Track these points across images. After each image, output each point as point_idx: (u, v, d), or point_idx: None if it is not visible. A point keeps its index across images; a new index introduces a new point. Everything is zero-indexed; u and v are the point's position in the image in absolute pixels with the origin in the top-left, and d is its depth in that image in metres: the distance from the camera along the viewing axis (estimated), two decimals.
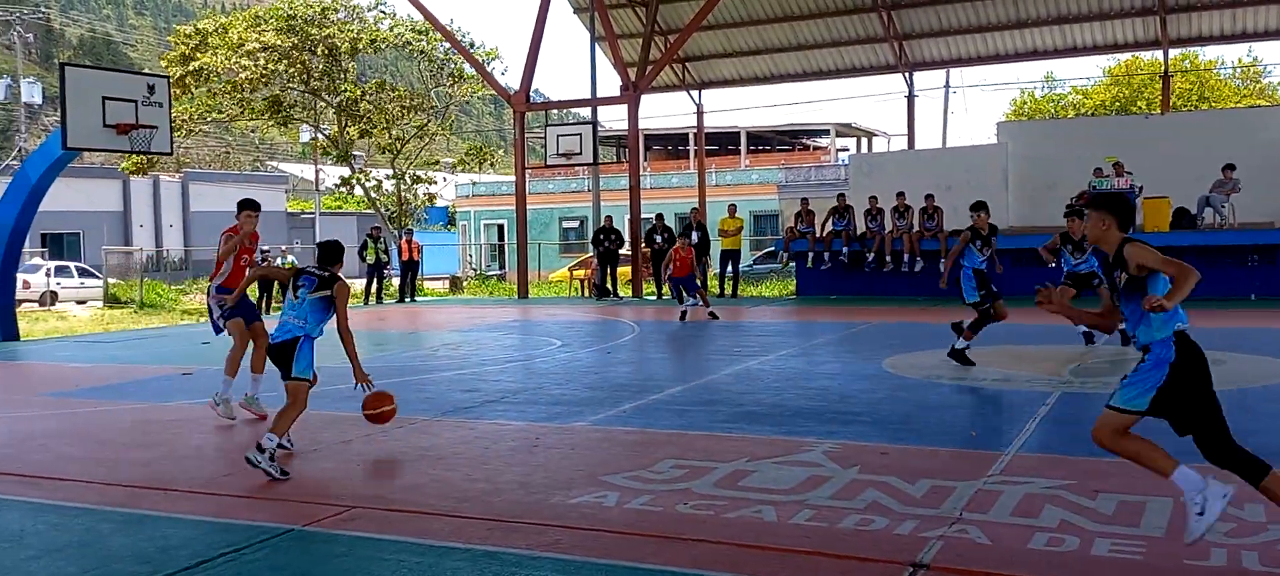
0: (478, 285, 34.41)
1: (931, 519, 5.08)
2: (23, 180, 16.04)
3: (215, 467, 6.63)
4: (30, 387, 11.16)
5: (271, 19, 32.27)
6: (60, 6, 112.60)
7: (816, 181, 40.28)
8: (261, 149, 79.38)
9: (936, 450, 6.66)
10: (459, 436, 7.55)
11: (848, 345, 12.78)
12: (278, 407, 6.69)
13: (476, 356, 12.63)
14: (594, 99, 25.72)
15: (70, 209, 42.53)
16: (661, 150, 56.09)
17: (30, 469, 6.67)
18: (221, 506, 5.67)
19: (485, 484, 6.05)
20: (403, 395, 9.60)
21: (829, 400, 8.63)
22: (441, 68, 35.09)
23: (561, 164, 26.37)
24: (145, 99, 15.23)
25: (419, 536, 5.02)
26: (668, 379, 10.24)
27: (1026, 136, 24.30)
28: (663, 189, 43.41)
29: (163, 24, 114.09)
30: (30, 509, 5.71)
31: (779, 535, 4.91)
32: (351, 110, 33.69)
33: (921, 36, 28.32)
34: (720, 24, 28.71)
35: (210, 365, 12.32)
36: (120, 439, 7.90)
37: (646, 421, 7.90)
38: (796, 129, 53.09)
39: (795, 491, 5.66)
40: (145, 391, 10.31)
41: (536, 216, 41.20)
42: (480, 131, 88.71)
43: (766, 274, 29.23)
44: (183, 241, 50.74)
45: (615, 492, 5.73)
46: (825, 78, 30.54)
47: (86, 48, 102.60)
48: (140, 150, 15.84)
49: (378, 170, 37.98)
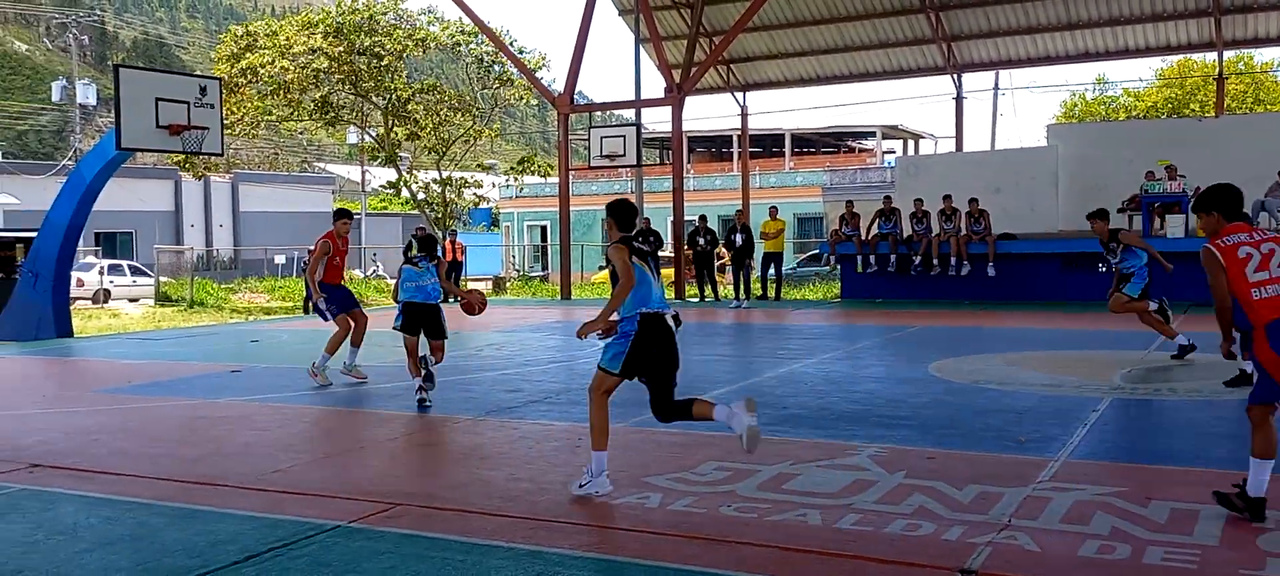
0: (521, 286, 34.59)
1: (980, 525, 5.01)
2: (78, 180, 16.36)
3: (263, 464, 6.70)
4: (85, 383, 11.37)
5: (320, 23, 32.66)
6: (114, 9, 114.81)
7: (862, 184, 40.02)
8: (309, 150, 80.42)
9: (984, 455, 6.57)
10: (503, 436, 7.58)
11: (893, 348, 12.66)
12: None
13: (520, 357, 12.68)
14: (638, 101, 25.74)
15: (123, 208, 43.34)
16: (705, 152, 56.02)
17: (85, 463, 6.80)
18: (269, 502, 5.74)
19: (529, 483, 6.07)
20: (447, 395, 9.68)
21: (874, 404, 8.55)
22: (488, 70, 35.30)
23: (605, 166, 26.41)
24: (197, 100, 15.48)
25: (463, 535, 5.04)
26: (710, 381, 10.20)
27: (1077, 139, 23.93)
28: (706, 191, 43.35)
29: (214, 27, 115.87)
30: (84, 502, 5.81)
31: (824, 539, 4.87)
32: (399, 111, 33.98)
33: (970, 38, 28.04)
34: (765, 25, 28.61)
35: (258, 363, 12.50)
36: (171, 435, 8.03)
37: (689, 423, 7.86)
38: (842, 131, 52.76)
39: (840, 495, 5.61)
40: (195, 388, 10.46)
41: (579, 218, 41.28)
42: (524, 133, 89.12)
43: (810, 276, 29.09)
44: (232, 241, 51.50)
45: (658, 494, 5.72)
46: (872, 79, 30.33)
47: (140, 49, 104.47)
48: (191, 151, 16.08)
49: (423, 172, 38.29)
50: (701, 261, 22.32)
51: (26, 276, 16.85)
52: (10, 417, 8.76)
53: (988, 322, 15.87)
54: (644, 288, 5.78)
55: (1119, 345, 12.29)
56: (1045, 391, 9.03)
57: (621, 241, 5.89)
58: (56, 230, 16.25)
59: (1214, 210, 5.22)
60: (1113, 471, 6.06)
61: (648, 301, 5.79)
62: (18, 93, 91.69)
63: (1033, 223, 21.51)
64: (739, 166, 38.10)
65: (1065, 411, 8.02)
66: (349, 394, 9.90)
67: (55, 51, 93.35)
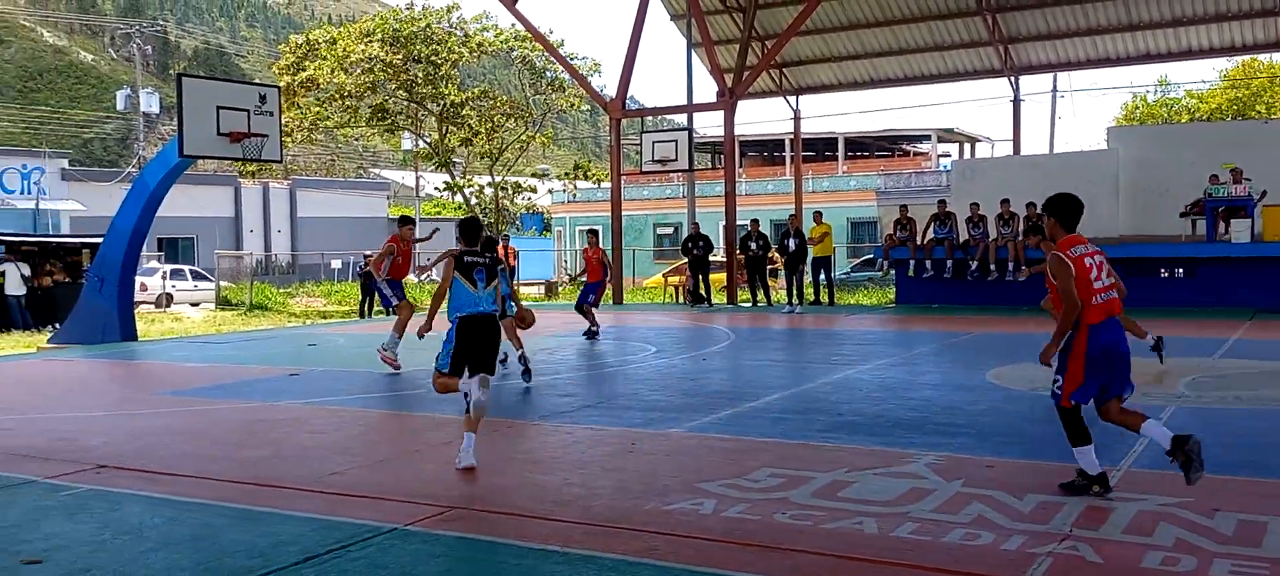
0: (573, 290, 34.71)
1: (1040, 535, 4.93)
2: (142, 187, 16.72)
3: (322, 466, 6.80)
4: (149, 386, 11.61)
5: (377, 32, 33.09)
6: (176, 19, 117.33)
7: (917, 188, 39.59)
8: (365, 156, 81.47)
9: (1044, 464, 6.47)
10: (556, 440, 7.61)
11: (950, 355, 12.51)
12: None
13: (572, 361, 12.73)
14: (690, 105, 25.73)
15: (185, 214, 44.22)
16: (757, 156, 55.81)
17: (149, 464, 6.94)
18: (328, 504, 5.81)
19: (581, 488, 6.08)
20: (501, 398, 9.74)
21: (931, 411, 8.45)
22: (540, 76, 35.52)
23: (657, 170, 26.44)
24: (257, 108, 15.74)
25: (517, 538, 5.07)
26: (764, 386, 10.16)
27: (1138, 142, 23.48)
28: (758, 195, 43.17)
29: (272, 35, 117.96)
30: (149, 503, 5.93)
31: (880, 547, 4.82)
32: (453, 117, 34.31)
33: (1028, 40, 27.65)
34: (819, 29, 28.46)
35: (316, 366, 12.68)
36: (232, 437, 8.17)
37: (742, 429, 7.86)
38: (896, 134, 52.27)
39: (897, 503, 5.55)
40: (255, 391, 10.64)
41: (631, 222, 41.34)
42: (576, 138, 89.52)
43: (864, 281, 28.85)
44: (290, 246, 52.33)
45: (712, 500, 5.70)
46: (927, 82, 30.03)
47: (200, 58, 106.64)
48: (251, 158, 16.36)
49: (477, 176, 38.62)
50: (753, 266, 22.23)
51: (93, 281, 17.25)
52: (78, 419, 8.97)
53: (1047, 329, 15.58)
54: (459, 295, 6.91)
55: (1183, 352, 12.03)
56: None
57: (449, 252, 7.16)
58: (122, 236, 16.61)
59: (1054, 216, 5.79)
60: (1177, 481, 5.92)
61: (463, 307, 6.90)
62: (84, 101, 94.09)
63: (1092, 227, 21.00)
64: (792, 170, 37.92)
65: None
66: (403, 398, 10.01)
67: (119, 61, 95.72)
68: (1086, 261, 5.61)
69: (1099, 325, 5.56)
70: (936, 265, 20.51)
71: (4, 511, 5.79)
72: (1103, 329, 5.56)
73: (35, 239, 26.31)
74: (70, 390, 11.27)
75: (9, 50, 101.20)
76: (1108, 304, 5.64)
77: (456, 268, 6.98)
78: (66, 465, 6.94)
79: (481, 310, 6.98)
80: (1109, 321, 5.61)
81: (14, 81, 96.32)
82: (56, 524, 5.49)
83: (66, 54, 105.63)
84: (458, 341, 6.91)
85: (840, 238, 37.35)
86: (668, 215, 45.12)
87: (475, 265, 7.05)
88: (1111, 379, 5.64)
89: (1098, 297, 5.58)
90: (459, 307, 6.94)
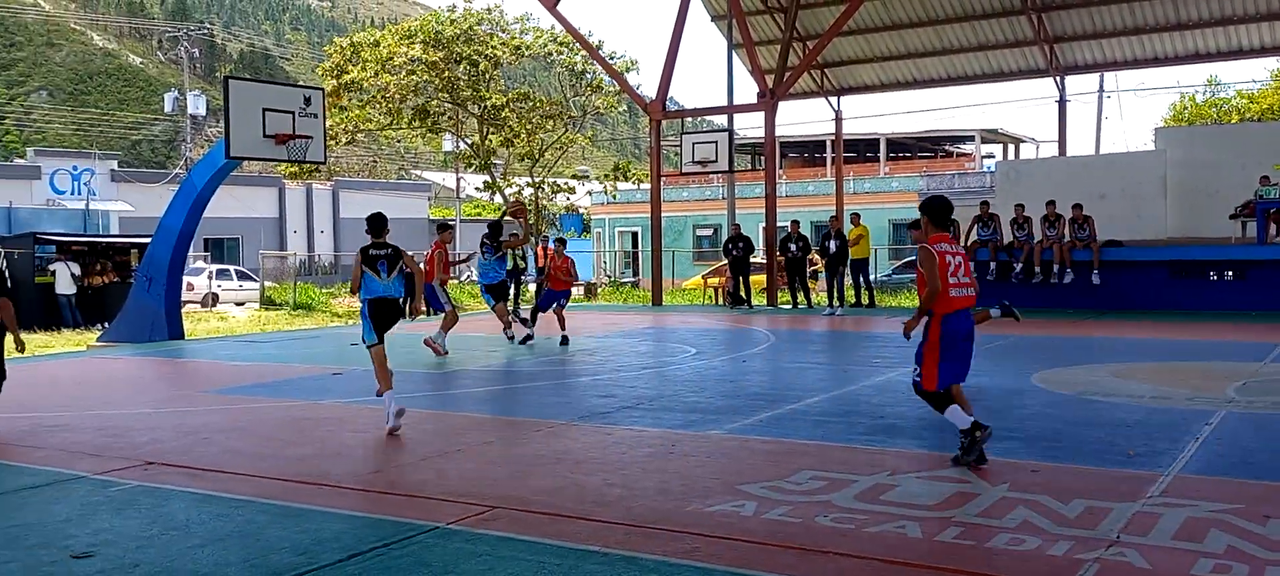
0: (612, 292, 34.74)
1: (1087, 540, 4.86)
2: (189, 188, 16.96)
3: (365, 465, 6.85)
4: (196, 384, 11.78)
5: (420, 33, 33.34)
6: (223, 22, 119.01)
7: (960, 189, 39.20)
8: (406, 158, 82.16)
9: (1091, 469, 6.37)
10: (596, 441, 7.62)
11: (995, 358, 12.37)
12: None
13: (612, 362, 12.74)
14: (731, 106, 25.67)
15: (231, 215, 44.84)
16: (798, 158, 55.56)
17: (196, 461, 7.04)
18: (371, 502, 5.86)
19: (622, 489, 6.08)
20: (541, 399, 9.78)
21: (976, 414, 8.34)
22: (580, 77, 35.59)
23: (697, 171, 26.39)
24: (302, 110, 15.90)
25: (557, 538, 5.07)
26: (804, 389, 10.11)
27: (1187, 143, 23.09)
28: (799, 197, 42.98)
29: (316, 38, 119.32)
30: (196, 499, 6.01)
31: (924, 552, 4.77)
32: (493, 118, 34.48)
33: (1074, 39, 27.29)
34: (861, 29, 28.29)
35: (358, 365, 12.78)
36: (277, 435, 8.26)
37: (783, 431, 7.82)
38: (939, 135, 51.81)
39: (941, 507, 5.49)
40: (299, 389, 10.76)
41: (670, 224, 41.31)
42: (615, 139, 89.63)
43: (906, 283, 28.59)
44: (333, 246, 52.87)
45: (753, 502, 5.67)
46: (971, 83, 29.74)
47: (246, 61, 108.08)
48: (296, 159, 16.53)
49: (517, 178, 38.79)
50: (793, 268, 22.12)
51: (141, 280, 17.53)
52: (126, 416, 9.12)
53: (1093, 332, 15.40)
54: (368, 283, 8.46)
55: (1232, 356, 11.82)
56: (1154, 404, 8.72)
57: (361, 249, 8.55)
58: (169, 236, 16.87)
59: (928, 216, 6.53)
60: (1227, 488, 5.82)
61: (372, 292, 8.46)
62: (132, 104, 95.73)
63: (1139, 229, 20.82)
64: (833, 172, 37.72)
65: (1176, 425, 7.74)
66: (445, 397, 10.08)
67: (167, 64, 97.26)
68: (948, 259, 6.35)
69: (951, 315, 6.34)
70: (979, 267, 20.28)
71: (55, 506, 5.89)
72: (953, 319, 6.34)
73: (85, 239, 26.77)
74: (119, 388, 11.46)
75: (60, 53, 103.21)
76: (961, 299, 6.39)
77: (363, 261, 8.47)
78: (116, 461, 7.06)
79: (388, 294, 8.50)
80: (960, 313, 6.37)
81: (65, 84, 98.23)
82: (106, 519, 5.59)
83: (116, 57, 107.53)
84: (371, 319, 8.47)
85: (882, 239, 37.06)
86: (707, 216, 45.03)
87: (378, 258, 8.50)
88: (964, 363, 6.48)
89: (952, 292, 6.32)
90: (369, 293, 8.45)
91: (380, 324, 8.50)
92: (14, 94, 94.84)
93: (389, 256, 8.55)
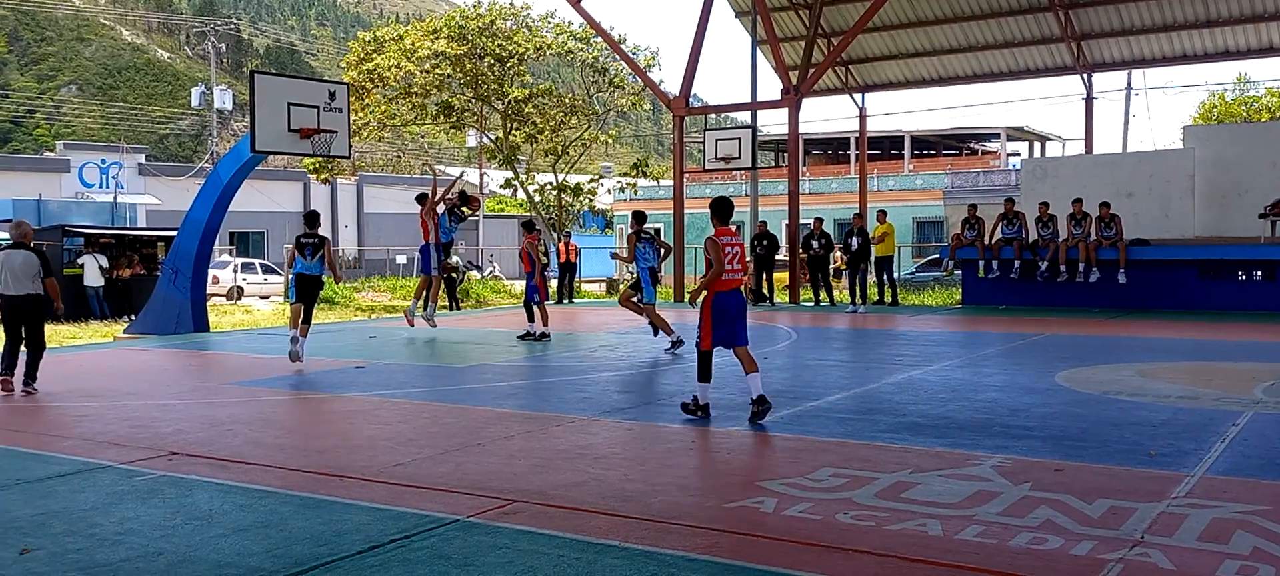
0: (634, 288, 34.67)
1: (1110, 540, 4.82)
2: (215, 181, 17.07)
3: (386, 457, 6.89)
4: (221, 376, 11.87)
5: (444, 27, 33.41)
6: (249, 17, 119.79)
7: (985, 186, 38.96)
8: (429, 153, 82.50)
9: (1115, 469, 6.32)
10: (616, 436, 7.62)
11: (1018, 357, 12.29)
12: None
13: (634, 358, 12.74)
14: (754, 103, 25.59)
15: (255, 209, 45.16)
16: (821, 154, 55.39)
17: (220, 452, 7.10)
18: (392, 494, 5.89)
19: (642, 484, 6.08)
20: (562, 395, 9.79)
21: (997, 413, 8.31)
22: (602, 73, 35.55)
23: (720, 168, 26.34)
24: (326, 105, 15.98)
25: (577, 532, 5.08)
26: (826, 386, 10.07)
27: (1216, 141, 22.83)
28: (822, 194, 42.84)
29: (341, 34, 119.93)
30: (220, 490, 6.06)
31: (945, 550, 4.75)
32: (516, 114, 34.51)
33: (1101, 36, 27.06)
34: (886, 26, 28.15)
35: (381, 360, 12.86)
36: (299, 427, 8.32)
37: (804, 428, 7.80)
38: (964, 133, 51.51)
39: (962, 506, 5.46)
40: (322, 383, 10.82)
41: (693, 220, 41.24)
42: (638, 136, 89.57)
43: (929, 281, 28.44)
44: (357, 241, 53.14)
45: (773, 498, 5.66)
46: (996, 80, 29.53)
47: (272, 56, 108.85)
48: (320, 154, 16.61)
49: (540, 174, 38.79)
50: (816, 265, 22.05)
51: (167, 273, 17.67)
52: (152, 407, 9.20)
53: (1118, 332, 15.27)
54: (298, 261, 11.79)
55: (1260, 357, 11.69)
56: (1181, 404, 8.64)
57: (296, 237, 11.60)
58: (195, 229, 16.99)
59: (714, 213, 8.29)
60: (1254, 489, 5.76)
61: (299, 269, 11.85)
62: (159, 98, 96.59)
63: (1167, 228, 20.63)
64: (856, 169, 37.56)
65: (1202, 425, 7.66)
66: (465, 392, 10.11)
67: (195, 59, 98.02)
68: (727, 249, 8.04)
69: (723, 293, 8.09)
70: (1004, 265, 20.15)
71: (81, 495, 5.95)
72: (725, 296, 8.11)
73: (113, 231, 27.02)
74: (145, 379, 11.56)
75: (90, 48, 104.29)
76: (731, 280, 8.11)
77: (296, 246, 11.84)
78: (141, 451, 7.12)
79: (310, 271, 11.86)
80: (731, 291, 8.14)
81: (94, 78, 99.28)
82: (131, 508, 5.64)
83: (144, 52, 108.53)
84: (295, 287, 11.94)
85: (905, 237, 36.92)
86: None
87: (306, 244, 11.80)
88: (732, 331, 8.14)
89: (726, 274, 8.05)
90: (298, 270, 11.86)
91: (301, 291, 11.93)
92: (44, 88, 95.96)
93: (314, 244, 11.82)
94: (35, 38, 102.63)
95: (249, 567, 4.60)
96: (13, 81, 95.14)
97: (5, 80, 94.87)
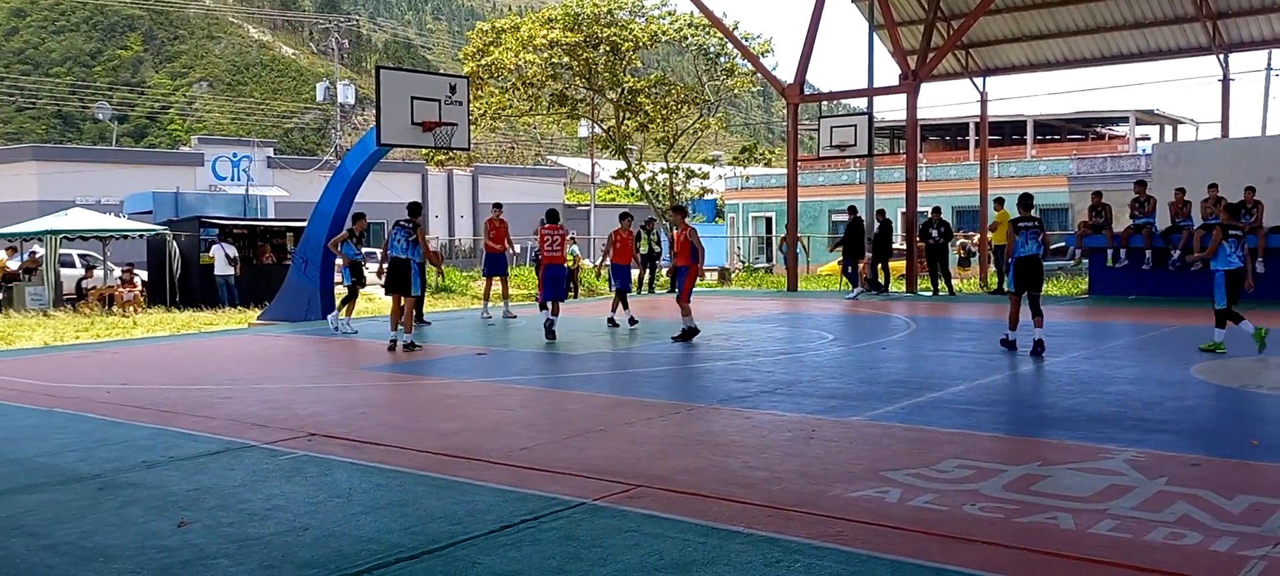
0: (745, 277, 34.63)
1: (1252, 537, 4.66)
2: (342, 173, 17.67)
3: (512, 441, 7.07)
4: (350, 361, 12.31)
5: (560, 17, 33.82)
6: (368, 14, 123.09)
7: (1113, 172, 37.59)
8: (542, 144, 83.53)
9: (1258, 464, 6.09)
10: (736, 424, 7.66)
11: (1149, 349, 11.88)
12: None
13: (748, 347, 12.74)
14: (871, 89, 25.22)
15: (376, 200, 46.45)
16: (939, 141, 54.19)
17: (355, 434, 7.39)
18: (519, 477, 6.05)
19: (764, 471, 6.11)
20: (678, 383, 9.87)
21: (1129, 406, 8.06)
22: (715, 61, 35.50)
23: (834, 156, 26.02)
24: (448, 98, 16.35)
25: (701, 518, 5.14)
26: (947, 377, 9.91)
27: None
28: (940, 181, 41.94)
29: (456, 28, 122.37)
30: (357, 470, 6.32)
31: (1077, 544, 4.66)
32: (629, 103, 34.71)
33: (1239, 15, 25.78)
34: (1009, 7, 27.36)
35: (502, 347, 13.15)
36: (428, 410, 8.59)
37: (926, 419, 7.70)
38: (1090, 117, 49.73)
39: (1094, 499, 5.34)
40: (445, 368, 11.14)
41: (805, 209, 40.90)
42: (748, 123, 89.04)
43: (1053, 271, 27.60)
44: (472, 231, 54.24)
45: (897, 488, 5.63)
46: (1126, 62, 28.42)
47: (390, 51, 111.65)
48: (442, 146, 17.00)
49: (651, 163, 38.98)
50: (934, 254, 21.64)
51: (298, 262, 18.38)
52: (289, 390, 9.62)
53: (1258, 324, 14.58)
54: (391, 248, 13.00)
55: None
56: None
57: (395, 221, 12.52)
58: (324, 219, 17.61)
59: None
60: None
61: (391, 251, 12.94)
62: (285, 94, 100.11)
63: None
64: (976, 155, 36.65)
65: None
66: (583, 379, 10.28)
67: (317, 55, 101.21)
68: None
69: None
70: (1134, 254, 19.44)
71: (230, 472, 6.28)
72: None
73: (246, 222, 28.19)
74: (280, 363, 12.08)
75: (219, 45, 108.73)
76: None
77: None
78: (282, 432, 7.47)
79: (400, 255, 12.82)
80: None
81: (223, 75, 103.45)
82: (276, 485, 5.93)
83: (270, 48, 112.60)
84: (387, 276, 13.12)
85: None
86: (843, 201, 44.37)
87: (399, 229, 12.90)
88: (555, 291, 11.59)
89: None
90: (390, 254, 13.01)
91: (392, 278, 12.78)
92: (177, 85, 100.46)
93: (407, 229, 12.78)
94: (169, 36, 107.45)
95: (390, 543, 4.80)
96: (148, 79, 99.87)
97: (141, 78, 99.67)
